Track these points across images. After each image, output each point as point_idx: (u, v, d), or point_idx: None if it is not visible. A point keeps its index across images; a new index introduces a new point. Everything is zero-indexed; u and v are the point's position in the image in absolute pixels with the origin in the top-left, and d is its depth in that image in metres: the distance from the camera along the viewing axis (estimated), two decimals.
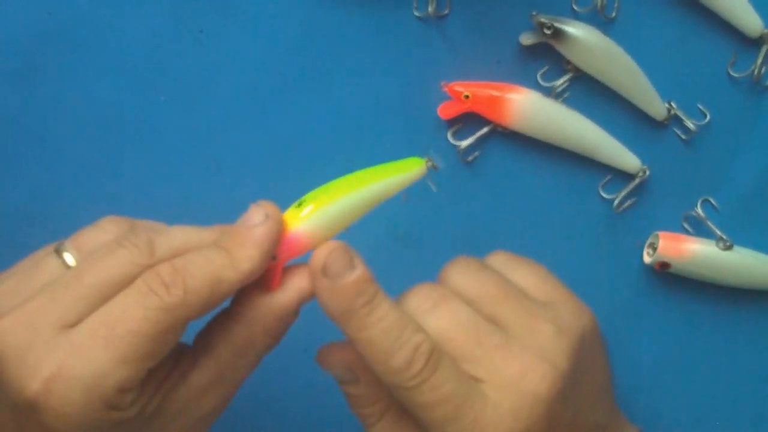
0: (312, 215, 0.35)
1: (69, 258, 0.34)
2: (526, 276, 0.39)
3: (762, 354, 0.52)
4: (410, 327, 0.33)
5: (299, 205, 0.35)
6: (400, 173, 0.36)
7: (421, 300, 0.35)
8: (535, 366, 0.34)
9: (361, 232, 0.36)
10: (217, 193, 0.49)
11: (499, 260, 0.40)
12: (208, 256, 0.33)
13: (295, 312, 0.35)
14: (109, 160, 0.48)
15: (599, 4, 0.48)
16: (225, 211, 0.49)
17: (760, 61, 0.49)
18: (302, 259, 0.36)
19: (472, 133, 0.49)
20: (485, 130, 0.49)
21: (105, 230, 0.35)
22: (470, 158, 0.49)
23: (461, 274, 0.37)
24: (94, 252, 0.33)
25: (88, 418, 0.30)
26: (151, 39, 0.48)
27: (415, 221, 0.49)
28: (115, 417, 0.31)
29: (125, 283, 0.32)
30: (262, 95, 0.49)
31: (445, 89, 0.48)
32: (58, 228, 0.48)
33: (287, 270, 0.35)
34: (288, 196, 0.49)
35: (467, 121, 0.49)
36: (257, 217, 0.34)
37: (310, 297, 0.35)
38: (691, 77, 0.50)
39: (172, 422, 0.34)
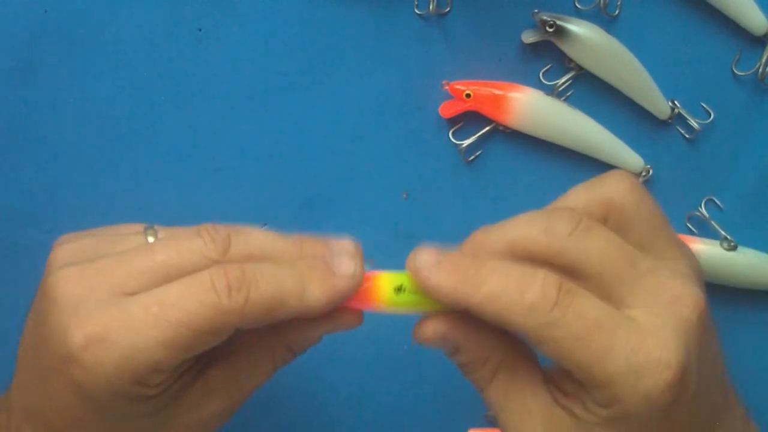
0: (401, 309, 0.34)
1: (152, 241, 0.34)
2: None
3: (766, 355, 0.51)
4: (526, 266, 0.32)
5: (399, 289, 0.34)
6: None
7: (563, 225, 0.33)
8: (687, 293, 0.32)
9: (363, 231, 0.36)
10: (216, 192, 0.48)
11: None
12: (280, 274, 0.33)
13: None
14: (107, 160, 0.48)
15: (602, 2, 0.48)
16: (224, 211, 0.49)
17: (764, 59, 0.49)
18: None
19: (474, 133, 0.49)
20: (487, 129, 0.49)
21: (200, 234, 0.34)
22: (471, 158, 0.49)
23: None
24: (174, 233, 0.34)
25: (114, 386, 0.31)
26: (149, 37, 0.48)
27: (416, 220, 0.49)
28: (137, 392, 0.31)
29: (192, 272, 0.32)
30: (262, 94, 0.48)
31: (446, 88, 0.48)
32: (56, 228, 0.48)
33: None
34: (287, 196, 0.49)
35: (468, 120, 0.49)
36: (347, 267, 0.34)
37: (351, 328, 0.35)
38: (694, 75, 0.49)
39: (176, 418, 0.34)
